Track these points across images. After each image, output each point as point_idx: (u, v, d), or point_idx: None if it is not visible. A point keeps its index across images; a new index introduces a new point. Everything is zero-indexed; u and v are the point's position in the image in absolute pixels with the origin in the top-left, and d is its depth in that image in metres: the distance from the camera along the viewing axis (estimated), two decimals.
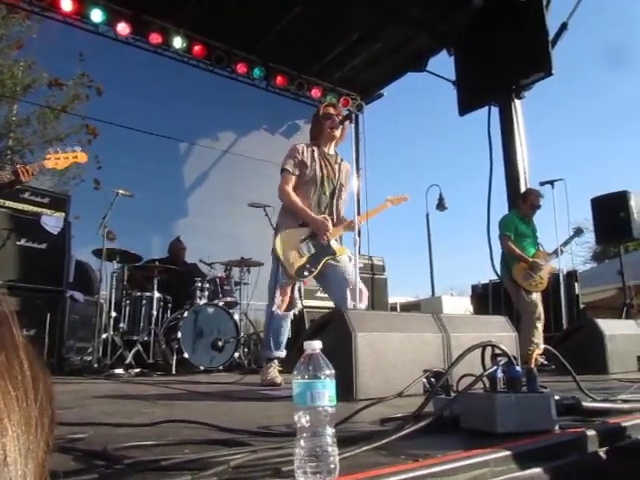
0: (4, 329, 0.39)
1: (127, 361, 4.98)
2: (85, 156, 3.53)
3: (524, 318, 5.19)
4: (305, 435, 0.95)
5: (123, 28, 7.28)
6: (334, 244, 3.46)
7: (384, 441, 1.17)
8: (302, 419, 0.95)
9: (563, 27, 6.73)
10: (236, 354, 5.42)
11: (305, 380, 0.96)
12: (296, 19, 7.62)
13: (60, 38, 7.63)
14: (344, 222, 3.58)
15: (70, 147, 3.47)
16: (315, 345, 0.99)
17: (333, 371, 0.98)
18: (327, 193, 3.55)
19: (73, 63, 8.74)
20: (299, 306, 3.62)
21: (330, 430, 0.96)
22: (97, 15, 7.07)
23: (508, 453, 1.16)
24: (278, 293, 3.37)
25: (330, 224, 3.41)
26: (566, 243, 5.51)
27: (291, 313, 3.48)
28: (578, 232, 5.63)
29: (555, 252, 5.43)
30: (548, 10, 6.59)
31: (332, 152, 3.66)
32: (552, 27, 6.55)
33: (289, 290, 3.44)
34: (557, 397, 1.54)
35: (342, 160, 3.70)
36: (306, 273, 3.36)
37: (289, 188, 3.46)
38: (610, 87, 44.29)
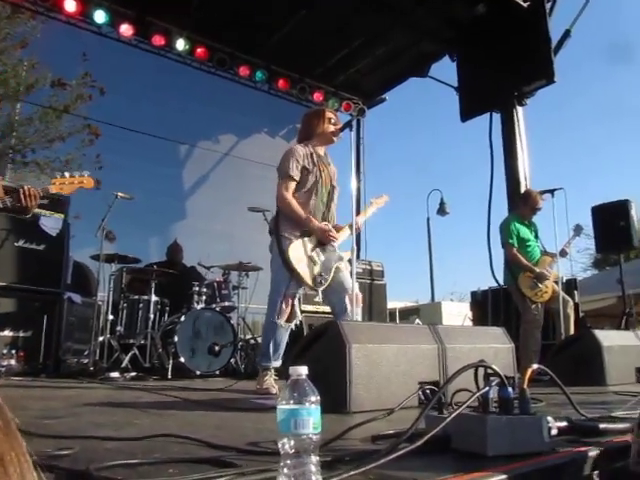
0: None
1: (123, 365, 4.97)
2: (92, 181, 3.38)
3: (524, 327, 5.16)
4: (288, 462, 0.93)
5: (126, 29, 7.28)
6: (338, 250, 3.44)
7: (372, 465, 1.15)
8: (286, 446, 0.93)
9: (566, 34, 6.72)
10: (233, 359, 5.40)
11: (289, 406, 0.94)
12: (299, 23, 7.63)
13: (64, 38, 7.63)
14: (341, 227, 3.55)
15: (78, 172, 3.36)
16: (301, 370, 0.98)
17: (319, 397, 0.96)
18: (324, 199, 3.50)
19: (76, 63, 8.75)
20: (299, 317, 3.58)
21: (314, 458, 0.94)
22: (100, 16, 7.07)
23: (499, 477, 1.14)
24: (283, 304, 3.32)
25: (333, 230, 3.40)
26: (569, 242, 5.41)
27: (292, 324, 3.45)
28: (578, 230, 5.57)
29: (561, 253, 5.32)
30: (551, 17, 6.58)
31: (323, 153, 3.61)
32: (555, 34, 6.56)
33: (291, 301, 3.40)
34: (549, 418, 1.52)
35: (331, 161, 3.66)
36: (322, 282, 3.33)
37: (290, 195, 3.38)
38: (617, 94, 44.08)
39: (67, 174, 3.30)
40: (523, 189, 6.78)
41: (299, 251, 3.30)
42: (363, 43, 8.24)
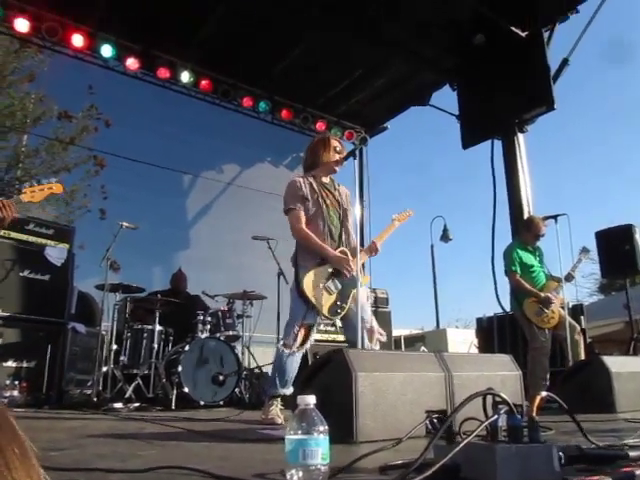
0: None
1: (127, 395, 4.92)
2: (61, 187, 3.48)
3: (532, 353, 5.10)
4: None
5: (132, 63, 7.42)
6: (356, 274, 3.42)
7: None
8: (294, 477, 0.92)
9: (564, 62, 6.81)
10: (237, 389, 5.34)
11: (298, 436, 0.93)
12: (301, 54, 7.77)
13: (71, 71, 7.79)
14: (360, 250, 3.52)
15: (46, 179, 3.47)
16: (309, 400, 0.97)
17: (327, 427, 0.96)
18: (335, 222, 3.52)
19: (83, 96, 8.92)
20: (308, 345, 3.52)
21: None
22: (107, 50, 7.21)
23: None
24: (297, 333, 3.28)
25: (350, 256, 3.39)
26: (575, 266, 5.35)
27: (300, 352, 3.40)
28: (585, 251, 5.53)
29: (567, 278, 5.25)
30: (549, 46, 6.69)
31: (327, 180, 3.64)
32: (554, 62, 6.66)
33: (305, 330, 3.34)
34: (560, 446, 1.50)
35: (339, 185, 3.68)
36: (339, 310, 3.31)
37: (302, 226, 3.40)
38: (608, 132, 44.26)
39: (35, 183, 3.41)
40: (526, 215, 6.79)
41: (314, 280, 3.27)
42: (364, 74, 8.39)
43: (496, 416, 1.40)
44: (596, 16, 6.50)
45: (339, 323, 3.42)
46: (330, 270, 3.35)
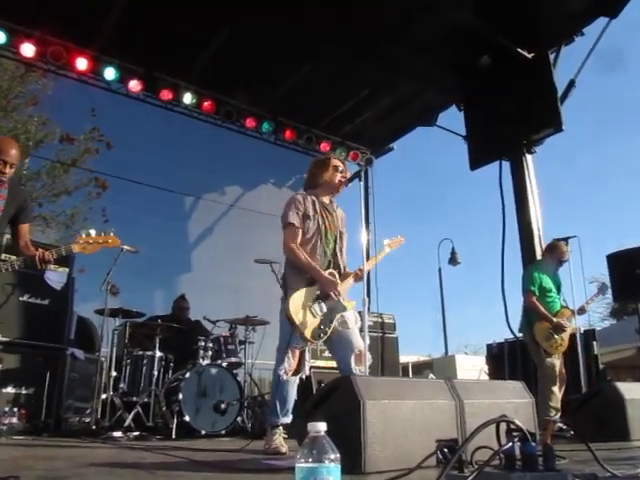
0: None
1: (126, 424, 4.77)
2: (118, 241, 3.32)
3: (541, 381, 4.99)
4: None
5: (135, 85, 7.46)
6: (342, 299, 3.34)
7: None
8: None
9: (571, 84, 6.81)
10: (239, 418, 5.18)
11: (309, 464, 0.86)
12: (306, 75, 7.78)
13: (74, 94, 7.85)
14: (350, 274, 3.45)
15: (103, 232, 3.30)
16: (320, 427, 0.90)
17: (338, 455, 0.88)
18: (330, 245, 3.45)
19: (85, 118, 8.95)
20: (306, 371, 3.44)
21: None
22: (110, 73, 7.26)
23: None
24: (289, 357, 3.20)
25: (338, 280, 3.32)
26: (591, 299, 5.35)
27: (297, 378, 3.31)
28: (603, 289, 5.49)
29: (580, 311, 5.25)
30: (556, 67, 6.69)
31: (327, 201, 3.58)
32: (561, 83, 6.66)
33: (298, 353, 3.27)
34: (576, 474, 1.43)
35: (337, 206, 3.63)
36: (322, 335, 3.22)
37: (296, 244, 3.33)
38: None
39: (93, 232, 3.22)
40: (536, 237, 6.73)
41: (299, 303, 3.20)
42: (369, 94, 8.36)
43: (510, 444, 1.33)
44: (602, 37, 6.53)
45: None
46: (317, 292, 3.27)
